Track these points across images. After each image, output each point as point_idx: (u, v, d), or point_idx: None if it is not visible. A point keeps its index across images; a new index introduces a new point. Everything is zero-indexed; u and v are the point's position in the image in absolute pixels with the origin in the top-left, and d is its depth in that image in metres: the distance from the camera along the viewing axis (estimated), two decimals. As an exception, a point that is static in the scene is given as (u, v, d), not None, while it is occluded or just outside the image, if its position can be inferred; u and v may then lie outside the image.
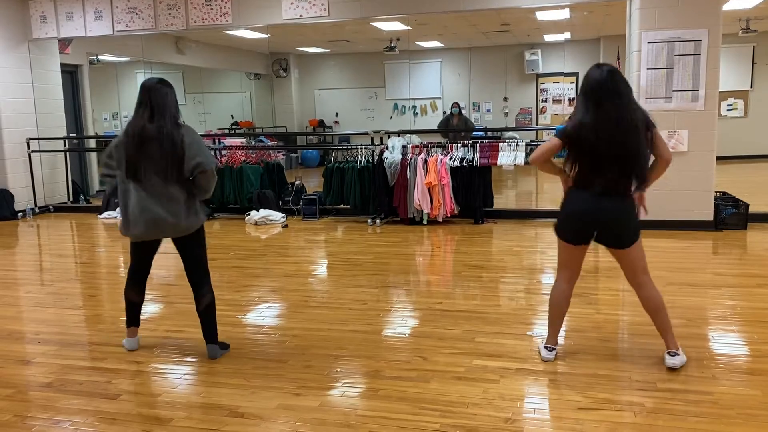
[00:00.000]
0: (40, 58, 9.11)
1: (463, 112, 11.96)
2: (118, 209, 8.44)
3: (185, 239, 3.53)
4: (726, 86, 11.33)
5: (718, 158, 6.75)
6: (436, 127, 12.56)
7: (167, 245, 3.60)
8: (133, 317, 3.77)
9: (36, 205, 9.08)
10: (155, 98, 3.40)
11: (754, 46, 13.18)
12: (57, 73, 9.46)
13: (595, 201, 3.20)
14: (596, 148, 3.11)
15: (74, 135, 10.01)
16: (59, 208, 9.33)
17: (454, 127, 11.18)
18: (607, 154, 3.11)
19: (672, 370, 3.22)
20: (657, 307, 3.30)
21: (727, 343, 3.71)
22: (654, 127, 3.18)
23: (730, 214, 6.72)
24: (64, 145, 9.47)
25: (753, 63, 13.37)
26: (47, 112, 9.24)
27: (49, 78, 9.31)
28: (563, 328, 3.86)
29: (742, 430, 2.68)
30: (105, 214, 8.72)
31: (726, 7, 7.15)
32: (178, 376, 3.43)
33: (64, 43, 9.44)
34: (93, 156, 10.81)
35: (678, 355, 3.26)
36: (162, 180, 3.39)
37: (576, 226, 3.31)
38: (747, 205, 6.75)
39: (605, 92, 3.11)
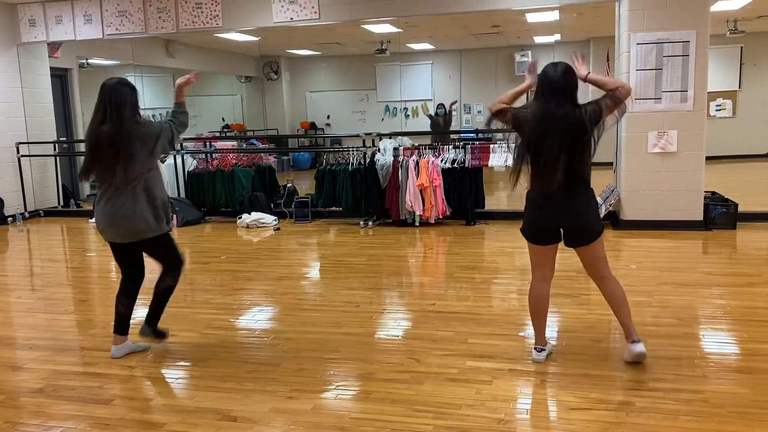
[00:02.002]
0: (29, 62, 9.07)
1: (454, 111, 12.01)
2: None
3: (146, 242, 3.53)
4: (714, 87, 11.42)
5: (707, 158, 6.80)
6: (428, 129, 12.60)
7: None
8: (120, 326, 3.70)
9: (26, 210, 9.02)
10: (113, 98, 3.38)
11: (741, 47, 13.30)
12: (46, 77, 9.41)
13: (547, 201, 3.24)
14: (534, 139, 3.18)
15: (64, 139, 9.96)
16: (49, 213, 9.28)
17: (440, 129, 11.22)
18: (548, 151, 3.15)
19: (640, 357, 3.27)
20: (622, 301, 3.33)
21: (717, 341, 3.74)
22: (602, 104, 3.21)
23: (720, 214, 6.77)
24: (54, 149, 9.43)
25: (741, 63, 13.50)
26: (37, 116, 9.19)
27: (38, 82, 9.26)
28: (555, 328, 3.90)
29: (733, 428, 2.70)
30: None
31: (714, 8, 7.21)
32: (170, 381, 3.43)
33: (54, 46, 9.40)
34: (83, 160, 10.75)
35: (641, 341, 3.31)
36: (121, 183, 3.41)
37: (535, 227, 3.34)
38: (736, 205, 6.81)
39: (553, 89, 3.20)
